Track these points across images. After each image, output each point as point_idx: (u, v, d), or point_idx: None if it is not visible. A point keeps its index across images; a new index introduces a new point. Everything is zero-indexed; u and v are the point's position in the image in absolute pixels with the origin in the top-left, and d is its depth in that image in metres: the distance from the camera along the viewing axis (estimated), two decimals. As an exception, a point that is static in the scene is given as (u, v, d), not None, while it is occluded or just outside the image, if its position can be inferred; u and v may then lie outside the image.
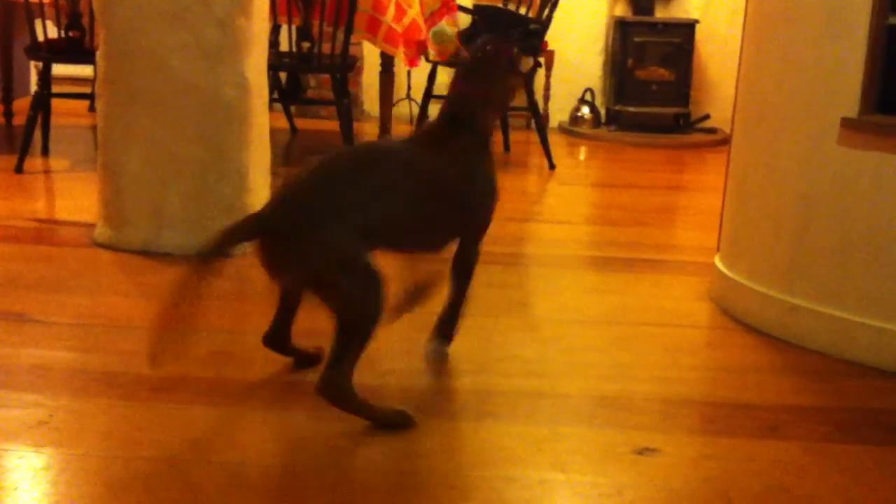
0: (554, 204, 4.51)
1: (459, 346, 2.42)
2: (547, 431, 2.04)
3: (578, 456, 1.94)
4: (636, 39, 6.12)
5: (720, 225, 3.00)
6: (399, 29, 4.49)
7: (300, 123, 5.73)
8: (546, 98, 6.23)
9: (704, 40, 6.23)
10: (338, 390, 1.93)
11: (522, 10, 5.17)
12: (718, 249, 2.99)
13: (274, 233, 1.92)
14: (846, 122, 2.47)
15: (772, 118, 2.70)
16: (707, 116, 6.18)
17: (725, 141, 5.53)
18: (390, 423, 2.01)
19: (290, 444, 1.94)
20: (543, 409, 2.15)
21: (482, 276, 2.14)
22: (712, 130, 6.13)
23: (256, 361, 2.33)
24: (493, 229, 2.31)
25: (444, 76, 5.48)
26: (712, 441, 2.04)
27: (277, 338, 2.22)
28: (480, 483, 1.82)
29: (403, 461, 1.88)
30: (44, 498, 1.70)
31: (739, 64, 2.89)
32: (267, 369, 2.26)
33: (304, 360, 2.26)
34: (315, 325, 2.06)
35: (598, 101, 6.37)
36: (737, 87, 2.91)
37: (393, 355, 2.40)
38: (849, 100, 2.46)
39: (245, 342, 2.44)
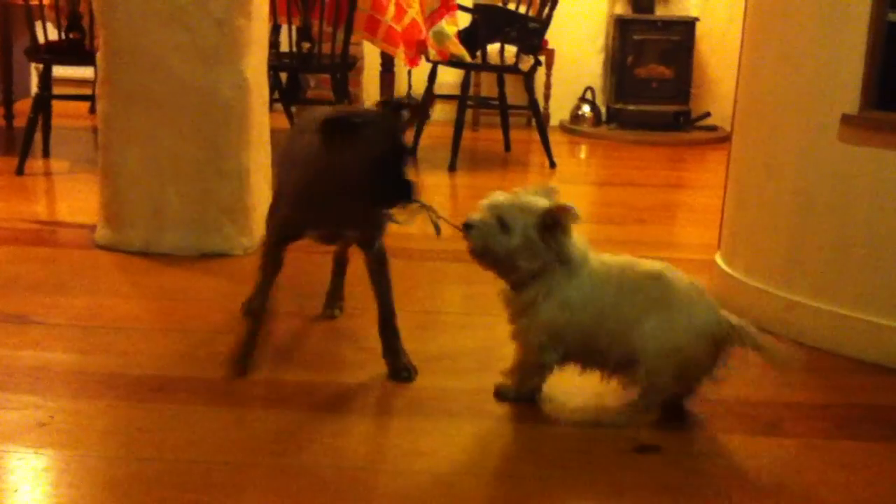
0: (554, 202, 4.50)
1: (461, 345, 2.42)
2: (547, 428, 2.04)
3: (578, 454, 1.94)
4: (636, 37, 6.12)
5: (721, 222, 3.00)
6: (399, 28, 4.49)
7: (301, 123, 5.72)
8: (546, 96, 6.23)
9: (704, 38, 6.23)
10: None
11: (522, 9, 5.18)
12: (719, 247, 2.99)
13: None
14: (846, 119, 2.47)
15: (772, 115, 2.69)
16: (707, 114, 6.18)
17: (726, 138, 5.52)
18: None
19: (287, 444, 1.93)
20: (543, 407, 2.15)
21: (484, 274, 2.13)
22: (713, 128, 6.12)
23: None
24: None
25: (445, 76, 5.49)
26: (712, 438, 2.04)
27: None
28: (479, 481, 1.82)
29: (402, 460, 1.88)
30: (45, 499, 1.70)
31: (739, 61, 2.89)
32: (263, 370, 2.26)
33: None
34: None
35: (599, 100, 6.37)
36: (737, 85, 2.91)
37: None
38: (849, 96, 2.46)
39: (245, 342, 2.44)
